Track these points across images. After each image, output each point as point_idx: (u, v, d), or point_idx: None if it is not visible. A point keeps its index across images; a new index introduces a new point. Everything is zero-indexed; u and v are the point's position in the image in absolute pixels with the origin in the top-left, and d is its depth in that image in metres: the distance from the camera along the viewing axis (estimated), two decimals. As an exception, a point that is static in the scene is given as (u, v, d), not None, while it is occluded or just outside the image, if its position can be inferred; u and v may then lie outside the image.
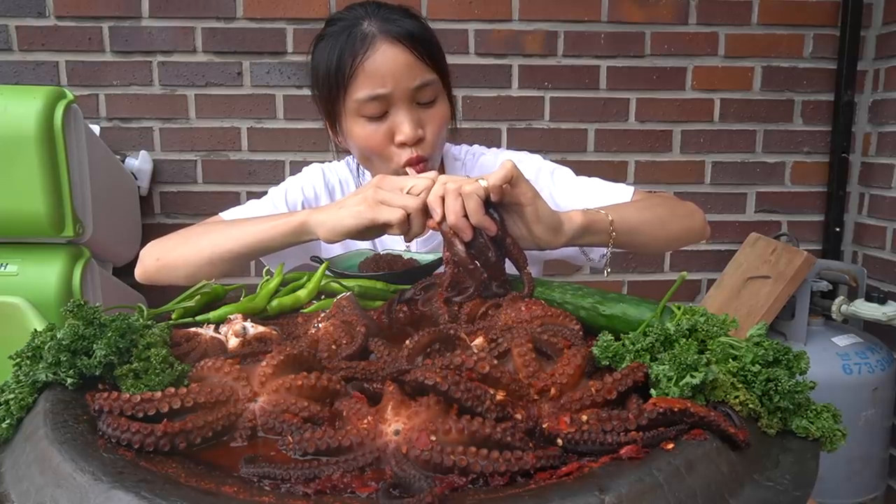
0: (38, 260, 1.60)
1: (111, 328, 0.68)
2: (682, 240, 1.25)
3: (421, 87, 1.14)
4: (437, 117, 1.18)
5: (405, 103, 1.13)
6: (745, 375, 0.63)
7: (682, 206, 1.26)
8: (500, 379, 0.61)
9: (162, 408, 0.58)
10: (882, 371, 1.85)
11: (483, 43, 2.13)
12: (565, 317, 0.81)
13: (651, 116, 2.21)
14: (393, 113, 1.14)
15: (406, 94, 1.13)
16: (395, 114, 1.14)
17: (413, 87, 1.13)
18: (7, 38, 2.02)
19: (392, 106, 1.14)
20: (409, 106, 1.14)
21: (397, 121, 1.14)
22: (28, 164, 1.50)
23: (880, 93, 2.17)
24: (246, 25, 2.08)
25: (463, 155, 1.41)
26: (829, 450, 0.62)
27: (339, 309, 0.84)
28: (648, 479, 0.49)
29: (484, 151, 1.41)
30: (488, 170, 1.34)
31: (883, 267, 2.15)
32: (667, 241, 1.21)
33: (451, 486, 0.49)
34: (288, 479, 0.50)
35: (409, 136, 1.13)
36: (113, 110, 2.10)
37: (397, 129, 1.14)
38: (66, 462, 0.51)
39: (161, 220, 2.17)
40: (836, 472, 1.86)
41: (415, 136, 1.14)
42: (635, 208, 1.14)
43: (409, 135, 1.13)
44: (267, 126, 2.14)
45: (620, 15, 2.14)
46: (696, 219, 1.24)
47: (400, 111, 1.14)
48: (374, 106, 1.13)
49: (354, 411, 0.59)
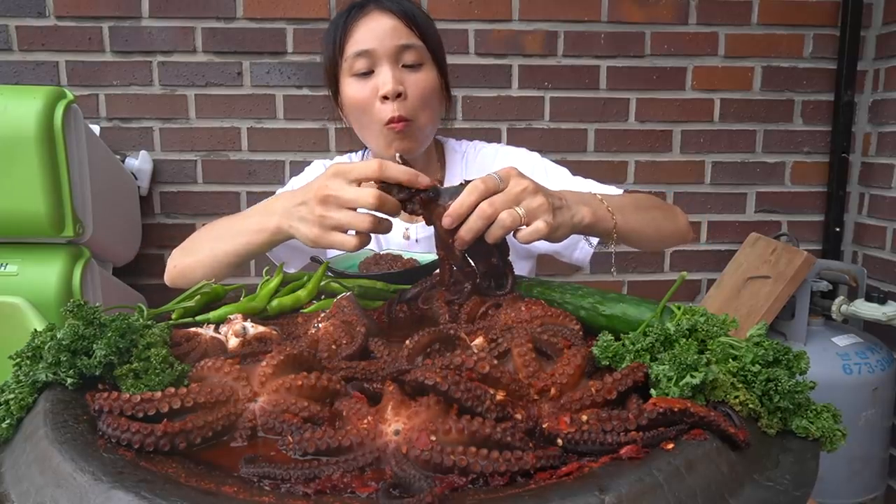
0: (38, 260, 1.60)
1: (111, 328, 0.68)
2: (670, 242, 1.31)
3: (404, 47, 1.22)
4: (420, 80, 1.24)
5: (389, 60, 1.22)
6: (745, 375, 0.63)
7: (670, 209, 1.31)
8: (500, 379, 0.61)
9: (162, 408, 0.58)
10: (882, 371, 1.85)
11: (483, 43, 2.13)
12: (565, 317, 0.81)
13: (651, 116, 2.21)
14: (377, 70, 1.23)
15: (389, 51, 1.21)
16: (379, 70, 1.23)
17: (396, 45, 1.21)
18: (7, 38, 2.02)
19: (377, 64, 1.22)
20: (393, 64, 1.22)
21: (380, 76, 1.22)
22: (28, 164, 1.50)
23: (880, 93, 2.17)
24: (246, 25, 2.08)
25: (464, 148, 1.46)
26: (829, 450, 0.62)
27: (339, 309, 0.84)
28: (648, 479, 0.49)
29: (485, 145, 1.46)
30: (488, 164, 1.36)
31: (883, 267, 2.15)
32: (658, 242, 1.26)
33: (451, 486, 0.49)
34: (288, 479, 0.50)
35: (389, 88, 1.20)
36: (113, 110, 2.10)
37: (380, 82, 1.22)
38: (66, 462, 0.51)
39: (161, 220, 2.17)
40: (836, 472, 1.86)
41: (394, 90, 1.20)
42: (634, 209, 1.15)
43: (388, 88, 1.20)
44: (267, 126, 2.15)
45: (620, 15, 2.14)
46: (682, 221, 1.31)
47: (383, 66, 1.22)
48: (362, 62, 1.22)
49: (354, 411, 0.59)
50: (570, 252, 1.35)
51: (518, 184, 0.87)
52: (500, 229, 0.84)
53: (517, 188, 0.86)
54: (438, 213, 0.85)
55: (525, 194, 0.86)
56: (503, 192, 0.85)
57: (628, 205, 1.12)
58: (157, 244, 2.17)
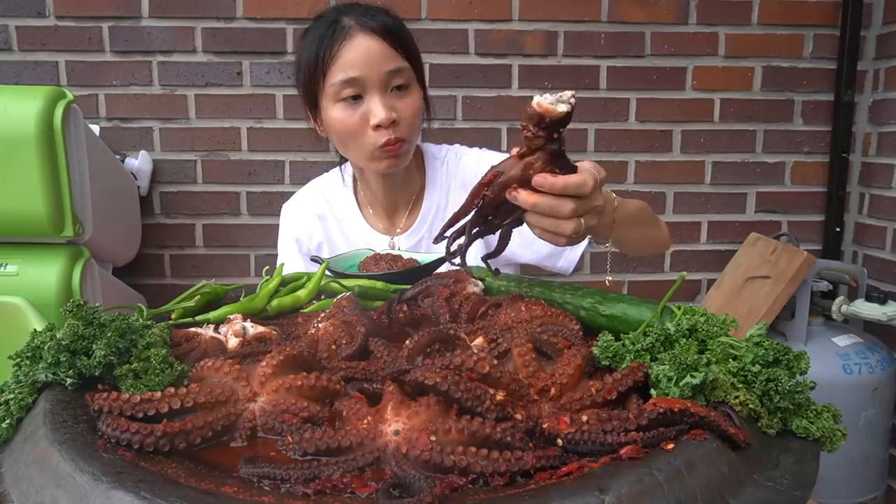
0: (38, 260, 1.60)
1: (111, 328, 0.68)
2: (653, 250, 1.33)
3: (393, 72, 1.20)
4: (410, 102, 1.24)
5: (378, 88, 1.20)
6: (746, 375, 0.63)
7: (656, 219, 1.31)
8: (500, 379, 0.60)
9: (162, 408, 0.58)
10: (882, 371, 1.85)
11: (483, 43, 2.13)
12: (565, 317, 0.81)
13: (651, 116, 2.21)
14: (367, 98, 1.21)
15: (379, 78, 1.20)
16: (370, 99, 1.21)
17: (385, 72, 1.20)
18: (7, 38, 2.02)
19: (366, 92, 1.21)
20: (383, 91, 1.21)
21: (371, 105, 1.20)
22: (28, 164, 1.50)
23: (880, 93, 2.17)
24: (246, 25, 2.08)
25: (444, 153, 1.44)
26: (829, 450, 0.62)
27: (339, 309, 0.84)
28: (648, 479, 0.49)
29: (466, 152, 1.44)
30: (470, 172, 1.35)
31: (883, 267, 2.15)
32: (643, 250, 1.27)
33: (451, 486, 0.49)
34: (288, 479, 0.50)
35: (383, 118, 1.19)
36: (113, 110, 2.10)
37: (371, 113, 1.20)
38: (65, 462, 0.51)
39: (161, 220, 2.17)
40: (836, 472, 1.86)
41: (388, 118, 1.19)
42: (636, 220, 1.15)
43: (382, 118, 1.19)
44: (267, 126, 2.14)
45: (620, 15, 2.14)
46: (665, 231, 1.32)
47: (374, 96, 1.20)
48: (349, 89, 1.20)
49: (354, 411, 0.59)
50: (553, 261, 1.34)
51: (597, 198, 0.82)
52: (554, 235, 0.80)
53: (596, 202, 0.81)
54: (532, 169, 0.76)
55: (595, 209, 0.82)
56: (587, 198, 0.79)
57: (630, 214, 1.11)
58: (157, 244, 2.17)
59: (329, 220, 1.43)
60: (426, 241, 1.38)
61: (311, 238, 1.44)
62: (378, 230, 1.40)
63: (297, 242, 1.45)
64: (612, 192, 1.00)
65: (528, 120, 0.75)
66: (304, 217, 1.45)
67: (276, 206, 2.18)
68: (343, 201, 1.43)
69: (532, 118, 0.74)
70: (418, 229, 1.38)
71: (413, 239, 1.38)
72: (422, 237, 1.38)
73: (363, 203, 1.43)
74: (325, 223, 1.43)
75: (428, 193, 1.40)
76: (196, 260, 2.19)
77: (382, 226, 1.41)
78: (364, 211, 1.42)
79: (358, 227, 1.41)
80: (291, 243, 1.46)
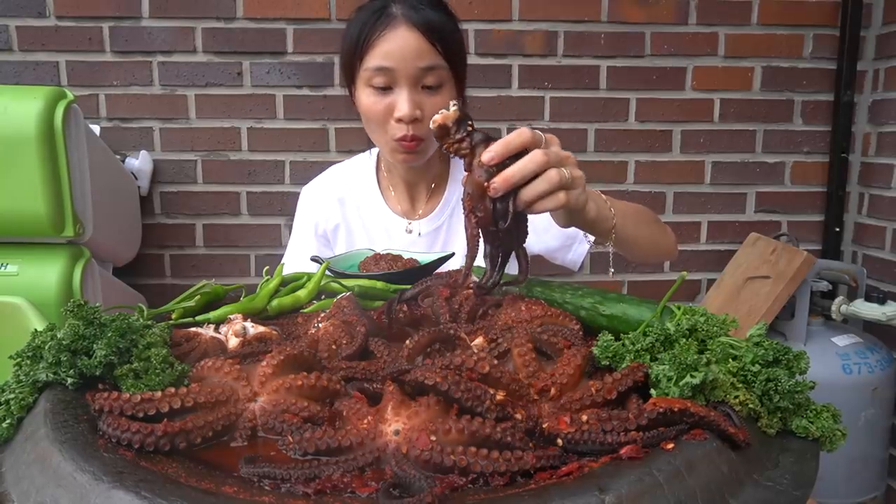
0: (38, 260, 1.60)
1: (111, 328, 0.68)
2: (659, 257, 1.32)
3: (427, 69, 1.20)
4: (438, 104, 1.21)
5: (409, 83, 1.20)
6: (745, 375, 0.63)
7: (664, 226, 1.32)
8: (500, 379, 0.61)
9: (162, 408, 0.58)
10: (882, 371, 1.85)
11: (483, 43, 2.13)
12: (565, 317, 0.81)
13: (651, 116, 2.21)
14: (397, 90, 1.21)
15: (411, 73, 1.19)
16: (399, 91, 1.21)
17: (418, 68, 1.19)
18: (7, 38, 2.02)
19: (396, 84, 1.20)
20: (413, 87, 1.20)
21: (398, 98, 1.21)
22: (28, 164, 1.50)
23: (880, 93, 2.17)
24: (246, 25, 2.08)
25: None
26: (829, 450, 0.62)
27: (339, 309, 0.84)
28: (648, 479, 0.49)
29: None
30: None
31: (883, 267, 2.15)
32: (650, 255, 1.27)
33: (451, 486, 0.49)
34: (288, 479, 0.50)
35: (406, 114, 1.19)
36: (113, 110, 2.10)
37: (396, 106, 1.21)
38: (66, 462, 0.51)
39: (161, 220, 2.17)
40: (836, 472, 1.86)
41: (411, 116, 1.20)
42: (635, 217, 1.15)
43: (405, 113, 1.19)
44: (267, 126, 2.14)
45: (620, 15, 2.14)
46: (672, 240, 1.32)
47: (403, 89, 1.20)
48: (380, 78, 1.20)
49: (354, 411, 0.59)
50: (563, 254, 1.35)
51: (562, 150, 0.82)
52: (546, 183, 0.77)
53: (563, 153, 0.81)
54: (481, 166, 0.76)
55: (569, 161, 0.82)
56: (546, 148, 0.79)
57: (631, 213, 1.12)
58: (157, 244, 2.17)
59: (348, 204, 1.45)
60: (446, 230, 1.39)
61: (329, 221, 1.45)
62: (397, 213, 1.41)
63: (314, 226, 1.46)
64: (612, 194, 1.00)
65: (441, 139, 0.79)
66: (325, 200, 1.47)
67: (276, 207, 2.19)
68: (364, 186, 1.45)
69: (440, 133, 0.79)
70: (439, 216, 1.39)
71: (433, 225, 1.39)
72: (441, 224, 1.39)
73: (385, 186, 1.44)
74: (345, 207, 1.45)
75: (451, 184, 1.41)
76: (196, 260, 2.19)
77: (402, 209, 1.42)
78: (385, 194, 1.43)
79: (377, 210, 1.42)
80: (308, 226, 1.47)
